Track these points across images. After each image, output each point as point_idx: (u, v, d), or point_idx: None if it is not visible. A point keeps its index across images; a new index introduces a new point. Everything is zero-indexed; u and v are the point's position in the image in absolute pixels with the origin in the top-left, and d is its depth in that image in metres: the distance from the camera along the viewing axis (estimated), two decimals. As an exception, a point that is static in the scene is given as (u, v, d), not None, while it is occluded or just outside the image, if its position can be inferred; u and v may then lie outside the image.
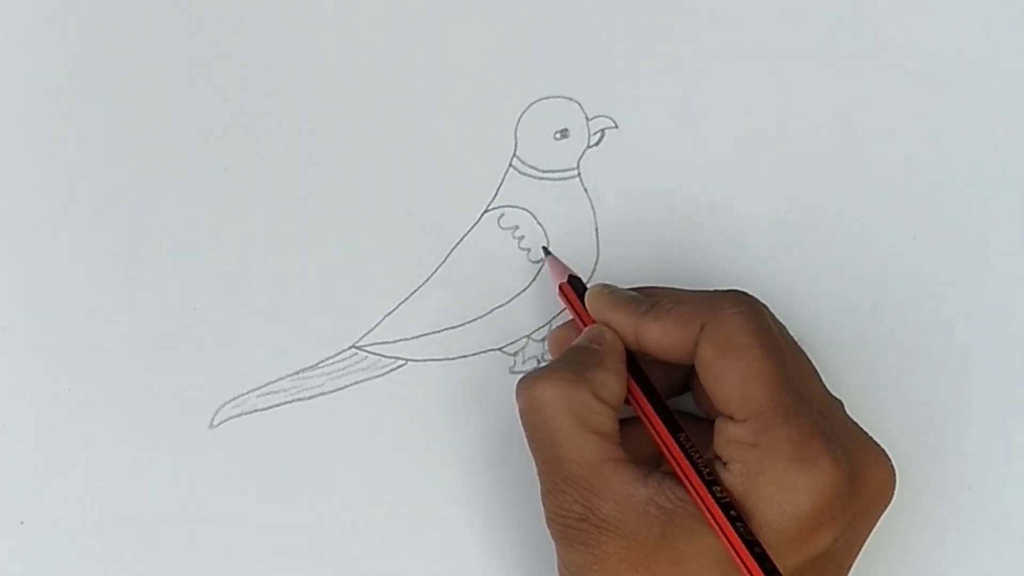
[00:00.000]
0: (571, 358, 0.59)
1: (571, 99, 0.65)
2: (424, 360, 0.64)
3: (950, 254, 0.66)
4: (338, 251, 0.64)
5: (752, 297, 0.59)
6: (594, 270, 0.65)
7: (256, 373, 0.64)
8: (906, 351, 0.65)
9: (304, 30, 0.65)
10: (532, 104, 0.65)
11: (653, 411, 0.58)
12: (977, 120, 0.66)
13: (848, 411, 0.60)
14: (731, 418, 0.57)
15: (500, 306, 0.64)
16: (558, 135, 0.65)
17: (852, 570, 0.59)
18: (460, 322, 0.64)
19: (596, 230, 0.65)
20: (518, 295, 0.64)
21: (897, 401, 0.65)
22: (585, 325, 0.61)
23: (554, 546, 0.58)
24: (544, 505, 0.58)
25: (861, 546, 0.59)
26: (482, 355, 0.64)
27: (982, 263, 0.66)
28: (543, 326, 0.64)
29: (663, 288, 0.62)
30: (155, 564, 0.62)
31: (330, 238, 0.64)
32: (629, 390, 0.59)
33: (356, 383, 0.64)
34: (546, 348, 0.64)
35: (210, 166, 0.64)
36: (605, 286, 0.61)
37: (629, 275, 0.64)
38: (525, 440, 0.59)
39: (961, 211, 0.66)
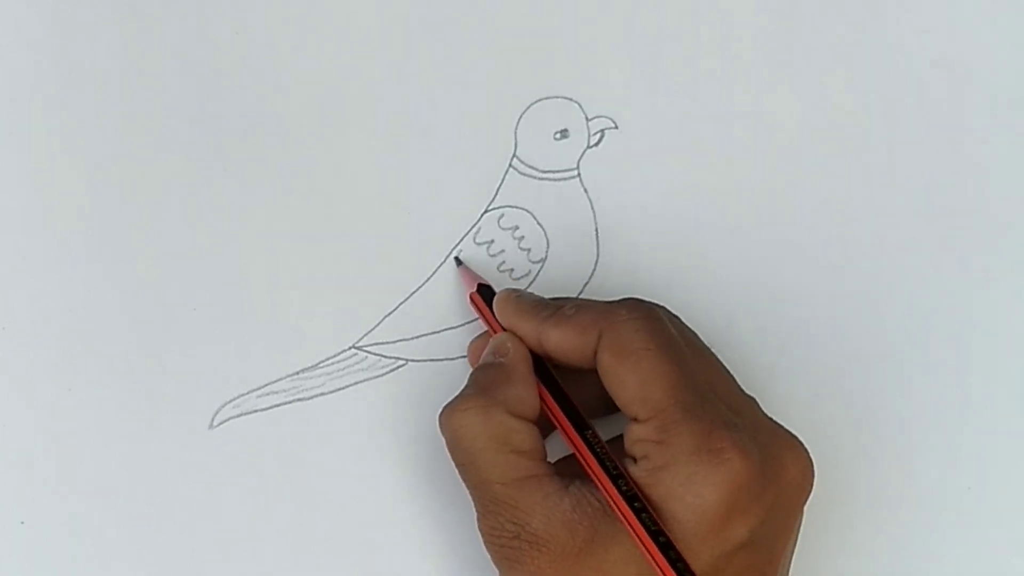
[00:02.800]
0: (480, 380, 0.60)
1: (571, 99, 0.65)
2: (424, 360, 0.64)
3: (951, 255, 0.66)
4: (338, 251, 0.64)
5: (649, 304, 0.59)
6: (594, 270, 0.65)
7: (256, 373, 0.63)
8: (907, 351, 0.65)
9: (304, 30, 0.65)
10: (532, 104, 0.65)
11: (559, 410, 0.59)
12: (978, 124, 0.66)
13: (765, 409, 0.60)
14: (636, 419, 0.57)
15: (500, 306, 0.64)
16: (558, 135, 0.65)
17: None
18: (460, 322, 0.64)
19: (596, 230, 0.65)
20: (518, 295, 0.64)
21: (897, 401, 0.65)
22: (495, 333, 0.61)
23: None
24: (480, 531, 0.58)
25: (787, 539, 0.58)
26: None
27: (983, 262, 0.66)
28: (543, 326, 0.64)
29: (572, 298, 0.62)
30: (155, 564, 0.62)
31: (330, 238, 0.64)
32: (539, 393, 0.59)
33: (356, 383, 0.64)
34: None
35: (210, 166, 0.64)
36: (512, 291, 0.62)
37: (629, 275, 0.65)
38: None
39: (961, 212, 0.66)
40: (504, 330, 0.61)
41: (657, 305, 0.60)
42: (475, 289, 0.63)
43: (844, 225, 0.66)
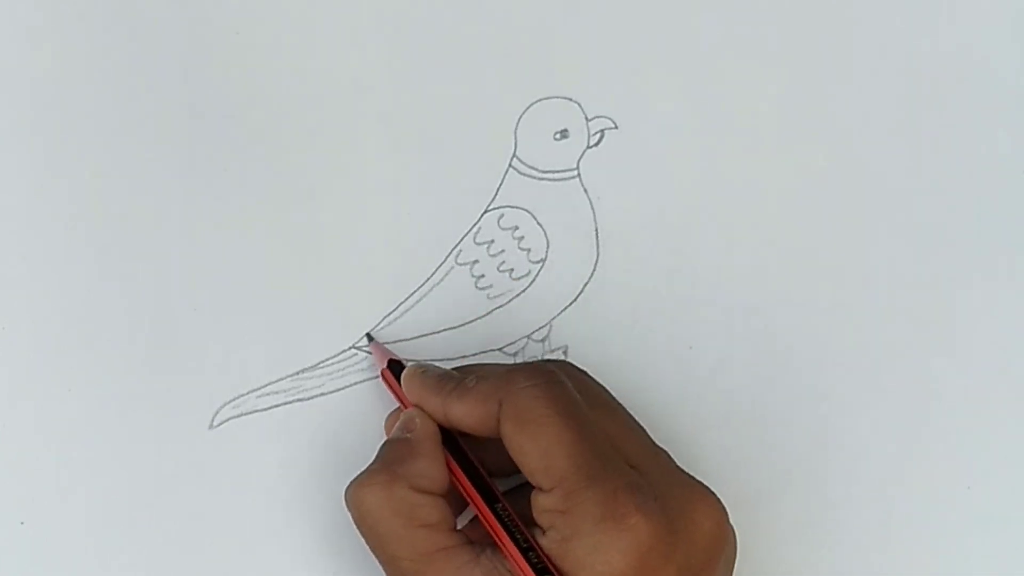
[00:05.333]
0: (386, 455, 0.59)
1: (571, 99, 0.65)
2: (424, 360, 0.64)
3: (949, 254, 0.66)
4: (339, 251, 0.64)
5: (548, 367, 0.59)
6: (594, 270, 0.65)
7: (256, 373, 0.64)
8: (907, 350, 0.65)
9: (304, 30, 0.65)
10: (532, 104, 0.65)
11: (469, 484, 0.59)
12: (979, 125, 0.66)
13: (676, 459, 0.59)
14: (541, 488, 0.57)
15: (500, 306, 0.64)
16: (558, 135, 0.65)
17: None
18: (460, 322, 0.64)
19: (596, 230, 0.65)
20: (518, 295, 0.64)
21: (898, 400, 0.65)
22: (406, 407, 0.61)
23: None
24: None
25: None
26: (482, 355, 0.64)
27: (984, 261, 0.66)
28: (543, 326, 0.64)
29: (477, 365, 0.62)
30: (155, 564, 0.62)
31: (330, 239, 0.64)
32: (448, 467, 0.59)
33: (356, 383, 0.64)
34: (546, 348, 0.64)
35: (210, 166, 0.64)
36: (418, 367, 0.61)
37: (629, 275, 0.65)
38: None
39: (961, 214, 0.66)
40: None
41: (559, 363, 0.60)
42: (385, 365, 0.62)
43: (845, 225, 0.66)
